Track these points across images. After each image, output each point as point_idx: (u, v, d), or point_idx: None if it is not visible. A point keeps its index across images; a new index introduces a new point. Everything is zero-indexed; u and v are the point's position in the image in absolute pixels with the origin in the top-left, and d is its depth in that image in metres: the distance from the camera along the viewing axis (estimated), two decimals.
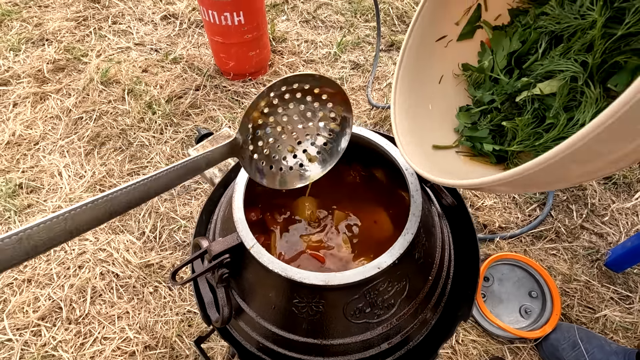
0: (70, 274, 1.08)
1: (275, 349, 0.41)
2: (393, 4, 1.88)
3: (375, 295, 0.37)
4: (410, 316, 0.41)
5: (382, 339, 0.41)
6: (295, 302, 0.38)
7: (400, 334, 0.41)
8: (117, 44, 1.66)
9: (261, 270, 0.37)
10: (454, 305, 0.46)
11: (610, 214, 1.21)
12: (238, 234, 0.38)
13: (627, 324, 1.00)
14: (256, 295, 0.41)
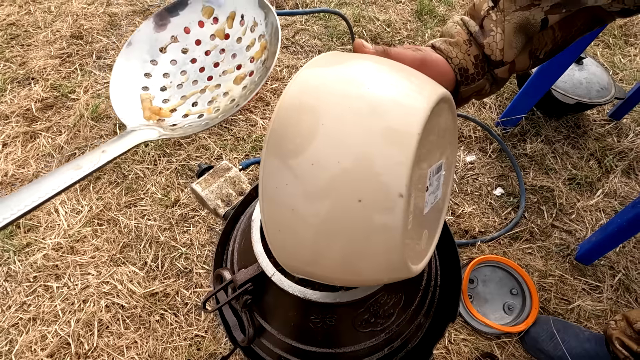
0: (76, 309, 1.11)
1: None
2: (366, 26, 2.00)
3: (378, 307, 0.45)
4: (407, 322, 0.49)
5: (385, 344, 0.48)
6: (311, 319, 0.45)
7: (400, 338, 0.49)
8: (104, 79, 1.70)
9: (281, 294, 0.44)
10: (442, 310, 0.54)
11: (577, 212, 1.33)
12: (259, 264, 0.45)
13: (598, 312, 1.11)
14: (276, 315, 0.48)
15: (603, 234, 1.12)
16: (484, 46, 0.41)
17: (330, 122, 0.28)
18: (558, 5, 0.39)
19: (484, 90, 0.43)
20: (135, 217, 1.27)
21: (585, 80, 1.45)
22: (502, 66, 0.42)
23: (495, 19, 0.40)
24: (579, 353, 0.96)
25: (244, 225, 0.57)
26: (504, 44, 0.40)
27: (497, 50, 0.41)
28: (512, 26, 0.40)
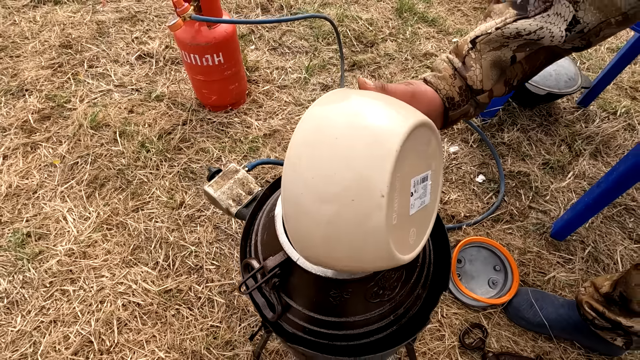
0: (94, 309, 1.17)
1: (317, 329, 0.57)
2: (350, 26, 2.09)
3: (384, 281, 0.55)
4: (407, 293, 0.59)
5: (390, 312, 0.58)
6: (331, 294, 0.54)
7: (402, 306, 0.59)
8: (98, 87, 1.74)
9: (304, 275, 0.53)
10: (436, 282, 0.64)
11: (551, 193, 1.46)
12: (285, 251, 0.54)
13: (571, 282, 1.24)
14: (300, 293, 0.57)
15: (573, 212, 1.25)
16: (466, 78, 0.51)
17: (329, 144, 0.38)
18: (522, 45, 0.49)
19: (469, 113, 0.54)
20: (144, 220, 1.33)
21: (554, 72, 1.57)
22: (482, 93, 0.52)
23: (474, 57, 0.51)
24: (555, 318, 1.09)
25: (264, 221, 0.65)
26: (483, 77, 0.51)
27: (478, 82, 0.51)
28: (488, 63, 0.50)
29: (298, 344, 0.57)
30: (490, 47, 0.50)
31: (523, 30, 0.47)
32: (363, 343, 0.58)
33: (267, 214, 0.66)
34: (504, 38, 0.49)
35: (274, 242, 0.58)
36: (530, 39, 0.48)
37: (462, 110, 0.53)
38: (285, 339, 0.59)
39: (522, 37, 0.48)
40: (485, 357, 1.07)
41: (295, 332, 0.59)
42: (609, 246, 1.32)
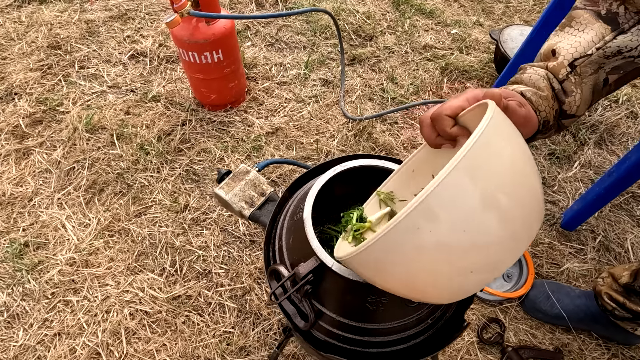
0: (100, 319, 1.13)
1: (352, 336, 0.54)
2: (347, 19, 2.05)
3: None
4: None
5: (428, 315, 0.56)
6: (368, 299, 0.51)
7: (440, 309, 0.57)
8: (91, 89, 1.68)
9: (339, 280, 0.50)
10: None
11: (558, 183, 1.46)
12: (318, 257, 0.51)
13: (584, 272, 1.23)
14: (334, 300, 0.54)
15: (584, 202, 1.24)
16: (564, 103, 0.48)
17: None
18: (617, 67, 0.47)
19: (548, 133, 0.50)
20: (147, 225, 1.29)
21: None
22: (572, 118, 0.49)
23: (574, 81, 0.47)
24: (572, 309, 1.08)
25: (288, 225, 0.62)
26: (581, 102, 0.48)
27: (575, 107, 0.48)
28: (588, 88, 0.47)
29: (332, 352, 0.54)
30: (591, 69, 0.47)
31: (624, 48, 0.45)
32: (400, 349, 0.56)
33: (290, 217, 0.63)
34: (604, 58, 0.46)
35: (303, 246, 0.55)
36: (629, 57, 0.46)
37: (547, 135, 0.50)
38: (318, 348, 0.56)
39: (621, 55, 0.46)
40: (505, 351, 1.06)
41: (327, 340, 0.56)
42: (619, 235, 1.32)
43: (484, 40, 1.98)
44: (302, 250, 0.55)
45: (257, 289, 1.17)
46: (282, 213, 0.68)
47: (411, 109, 1.66)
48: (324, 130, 1.57)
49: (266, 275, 0.59)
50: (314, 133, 1.56)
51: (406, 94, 1.72)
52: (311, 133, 1.56)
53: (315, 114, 1.63)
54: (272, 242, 0.65)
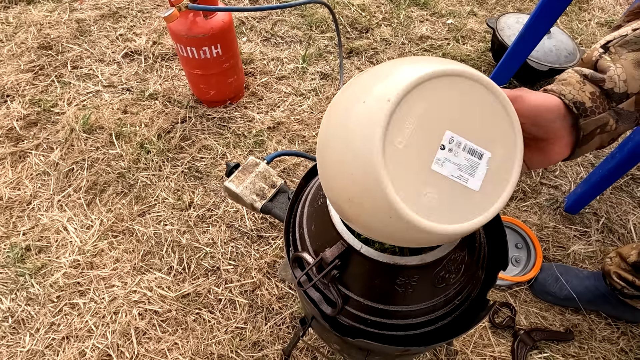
0: (108, 321, 1.11)
1: (380, 320, 0.54)
2: (342, 12, 2.04)
3: (451, 263, 0.52)
4: (470, 275, 0.56)
5: (455, 296, 0.55)
6: (397, 282, 0.51)
7: (466, 289, 0.56)
8: (85, 89, 1.65)
9: (367, 264, 0.50)
10: (491, 261, 0.62)
11: (559, 168, 1.47)
12: (344, 241, 0.50)
13: (590, 253, 1.25)
14: (362, 284, 0.53)
15: (587, 184, 1.26)
16: (604, 80, 0.41)
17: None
18: None
19: (608, 125, 0.43)
20: (152, 225, 1.27)
21: (554, 47, 1.57)
22: (627, 99, 0.42)
23: (610, 59, 0.42)
24: (582, 290, 1.09)
25: (309, 212, 0.61)
26: (627, 76, 0.41)
27: (621, 82, 0.41)
28: (630, 62, 0.41)
29: (360, 337, 0.54)
30: (629, 48, 0.41)
31: None
32: (428, 331, 0.55)
33: (310, 204, 0.62)
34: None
35: (327, 232, 0.54)
36: None
37: (597, 119, 0.42)
38: (344, 334, 0.55)
39: None
40: (517, 334, 1.07)
41: (354, 325, 0.56)
42: (621, 216, 1.34)
43: (479, 29, 1.98)
44: (327, 236, 0.54)
45: (267, 284, 1.16)
46: (299, 201, 0.67)
47: None
48: None
49: (289, 263, 0.58)
50: (316, 126, 1.55)
51: None
52: (313, 126, 1.55)
53: (316, 107, 1.62)
54: (292, 231, 0.64)
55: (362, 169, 0.36)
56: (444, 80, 0.36)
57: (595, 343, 1.08)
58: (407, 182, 0.36)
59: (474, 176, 0.39)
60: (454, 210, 0.38)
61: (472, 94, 0.37)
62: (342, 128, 0.38)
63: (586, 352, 1.06)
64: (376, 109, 0.35)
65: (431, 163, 0.37)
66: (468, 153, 0.38)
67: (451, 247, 0.49)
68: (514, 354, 1.04)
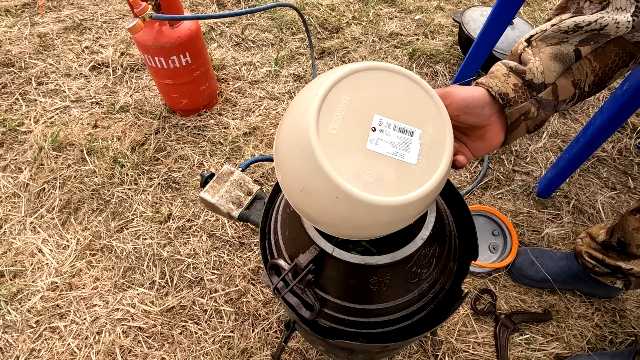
0: (91, 342, 1.09)
1: (358, 319, 0.55)
2: (311, 13, 2.05)
3: (422, 258, 0.53)
4: (442, 268, 0.58)
5: (429, 289, 0.57)
6: (371, 281, 0.52)
7: (439, 282, 0.58)
8: (52, 105, 1.60)
9: (341, 265, 0.51)
10: (463, 253, 0.64)
11: (530, 155, 1.52)
12: (317, 245, 0.51)
13: (562, 235, 1.30)
14: (337, 286, 0.54)
15: (556, 169, 1.30)
16: (525, 72, 0.47)
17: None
18: (585, 40, 0.46)
19: (530, 112, 0.48)
20: (131, 240, 1.25)
21: (518, 38, 1.62)
22: (544, 88, 0.47)
23: (531, 52, 0.47)
24: (556, 272, 1.14)
25: (282, 218, 0.62)
26: (544, 68, 0.46)
27: (538, 74, 0.47)
28: (547, 55, 0.47)
29: (340, 338, 0.55)
30: (547, 43, 0.47)
31: (582, 22, 0.44)
32: (406, 326, 0.57)
33: (284, 210, 0.62)
34: (561, 33, 0.46)
35: (300, 237, 0.55)
36: (592, 30, 0.45)
37: (520, 108, 0.48)
38: (325, 336, 0.56)
39: (582, 29, 0.45)
40: (498, 319, 1.10)
41: (334, 327, 0.57)
42: (590, 197, 1.40)
43: (446, 23, 2.03)
44: (300, 241, 0.55)
45: (252, 290, 1.16)
46: (273, 208, 0.68)
47: None
48: None
49: (265, 270, 0.58)
50: None
51: None
52: None
53: None
54: (268, 238, 0.64)
55: (304, 158, 0.39)
56: (364, 74, 0.41)
57: (572, 321, 1.12)
58: (345, 163, 0.40)
59: (409, 151, 0.42)
60: (396, 184, 0.41)
61: (393, 83, 0.42)
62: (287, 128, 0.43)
63: (564, 330, 1.10)
64: (308, 103, 0.40)
65: (365, 143, 0.41)
66: (399, 132, 0.42)
67: (420, 243, 0.51)
68: (496, 338, 1.08)
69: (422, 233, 0.51)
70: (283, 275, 0.53)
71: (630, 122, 1.62)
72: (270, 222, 0.65)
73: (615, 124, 1.11)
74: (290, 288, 0.52)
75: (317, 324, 0.58)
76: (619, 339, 1.10)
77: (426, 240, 0.52)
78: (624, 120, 1.10)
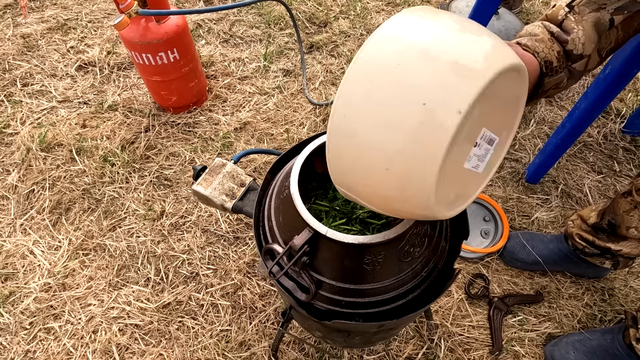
0: (87, 341, 1.08)
1: (353, 299, 0.56)
2: (299, 8, 2.05)
3: (414, 237, 0.54)
4: (434, 247, 0.59)
5: (422, 268, 0.58)
6: (365, 261, 0.53)
7: (432, 261, 0.59)
8: (39, 106, 1.58)
9: (335, 246, 0.52)
10: (455, 232, 0.65)
11: (519, 142, 1.55)
12: (311, 227, 0.52)
13: (552, 219, 1.33)
14: (331, 267, 0.55)
15: (544, 154, 1.33)
16: (567, 42, 0.46)
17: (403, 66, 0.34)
18: (620, 8, 0.47)
19: (562, 83, 0.49)
20: (124, 238, 1.24)
21: (503, 28, 1.65)
22: (580, 60, 0.47)
23: (574, 19, 0.46)
24: (547, 254, 1.16)
25: (276, 204, 0.62)
26: (585, 39, 0.46)
27: (580, 44, 0.46)
28: (590, 24, 0.46)
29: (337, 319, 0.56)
30: (590, 8, 0.46)
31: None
32: (400, 305, 0.58)
33: (277, 197, 0.63)
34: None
35: (294, 221, 0.55)
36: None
37: (557, 78, 0.47)
38: (321, 318, 0.57)
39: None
40: (491, 302, 1.12)
41: (330, 309, 0.58)
42: (577, 181, 1.43)
43: None
44: (294, 225, 0.55)
45: (248, 283, 1.16)
46: (266, 196, 0.68)
47: None
48: (292, 120, 1.57)
49: (261, 257, 0.59)
50: (283, 123, 1.56)
51: None
52: (280, 124, 1.55)
53: (281, 104, 1.62)
54: (262, 225, 0.65)
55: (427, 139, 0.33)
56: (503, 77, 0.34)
57: (563, 301, 1.15)
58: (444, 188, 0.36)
59: (484, 162, 0.40)
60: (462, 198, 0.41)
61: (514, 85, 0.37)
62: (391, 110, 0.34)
63: (555, 311, 1.13)
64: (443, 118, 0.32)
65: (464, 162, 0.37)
66: (488, 144, 0.39)
67: (411, 222, 0.51)
68: (490, 321, 1.09)
69: None
70: (278, 258, 0.53)
71: (614, 107, 1.65)
72: (264, 210, 0.66)
73: (599, 107, 1.14)
74: (286, 271, 0.53)
75: (313, 307, 0.59)
76: (608, 316, 1.13)
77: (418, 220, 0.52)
78: (608, 103, 1.12)
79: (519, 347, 1.07)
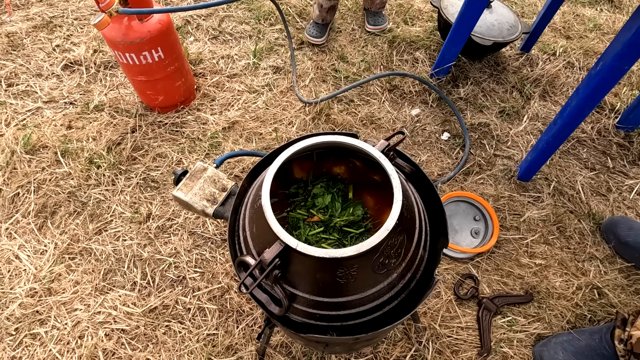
0: (73, 347, 1.07)
1: (328, 313, 0.55)
2: (289, 3, 2.01)
3: (389, 249, 0.53)
4: (412, 257, 0.58)
5: (399, 279, 0.57)
6: (337, 274, 0.51)
7: (410, 271, 0.58)
8: (24, 106, 1.55)
9: (307, 260, 0.50)
10: (434, 241, 0.64)
11: (511, 139, 1.53)
12: (282, 240, 0.50)
13: (543, 217, 1.31)
14: (304, 280, 0.53)
15: (536, 152, 1.31)
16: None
17: None
18: None
19: None
20: (110, 242, 1.23)
21: (496, 21, 1.61)
22: None
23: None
24: None
25: (250, 214, 0.61)
26: None
27: None
28: None
29: (311, 332, 0.54)
30: None
31: None
32: (377, 317, 0.56)
33: (251, 206, 0.61)
34: None
35: (266, 233, 0.54)
36: None
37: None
38: (297, 330, 0.56)
39: None
40: (481, 303, 1.11)
41: (305, 321, 0.56)
42: (570, 178, 1.41)
43: (425, 9, 2.01)
44: (266, 237, 0.54)
45: (235, 287, 1.15)
46: (243, 204, 0.67)
47: (365, 85, 1.67)
48: (281, 118, 1.54)
49: (234, 268, 0.57)
50: (272, 122, 1.53)
51: (358, 71, 1.73)
52: (269, 122, 1.53)
53: (271, 102, 1.60)
54: (237, 234, 0.63)
55: None
56: None
57: (553, 301, 1.14)
58: None
59: None
60: None
61: None
62: None
63: (544, 311, 1.12)
64: None
65: None
66: None
67: (385, 234, 0.50)
68: (479, 322, 1.09)
69: (387, 224, 0.50)
70: (249, 271, 0.52)
71: (608, 102, 1.63)
72: (239, 219, 0.64)
73: (591, 104, 1.11)
74: (257, 284, 0.51)
75: (288, 319, 0.57)
76: (598, 317, 1.12)
77: (392, 231, 0.51)
78: (599, 99, 1.10)
79: (507, 348, 1.06)
